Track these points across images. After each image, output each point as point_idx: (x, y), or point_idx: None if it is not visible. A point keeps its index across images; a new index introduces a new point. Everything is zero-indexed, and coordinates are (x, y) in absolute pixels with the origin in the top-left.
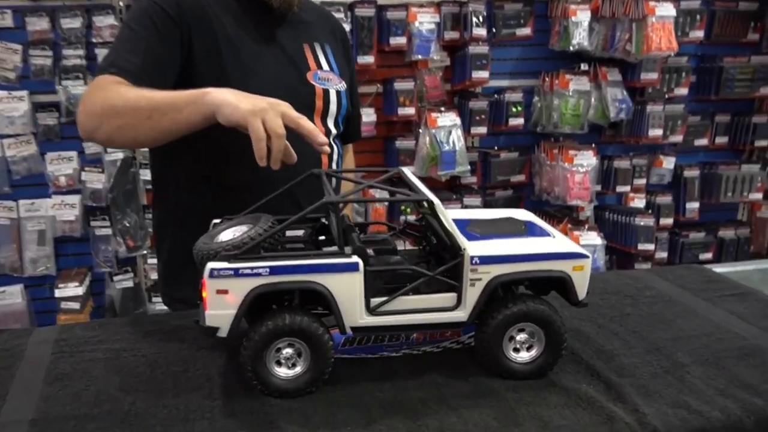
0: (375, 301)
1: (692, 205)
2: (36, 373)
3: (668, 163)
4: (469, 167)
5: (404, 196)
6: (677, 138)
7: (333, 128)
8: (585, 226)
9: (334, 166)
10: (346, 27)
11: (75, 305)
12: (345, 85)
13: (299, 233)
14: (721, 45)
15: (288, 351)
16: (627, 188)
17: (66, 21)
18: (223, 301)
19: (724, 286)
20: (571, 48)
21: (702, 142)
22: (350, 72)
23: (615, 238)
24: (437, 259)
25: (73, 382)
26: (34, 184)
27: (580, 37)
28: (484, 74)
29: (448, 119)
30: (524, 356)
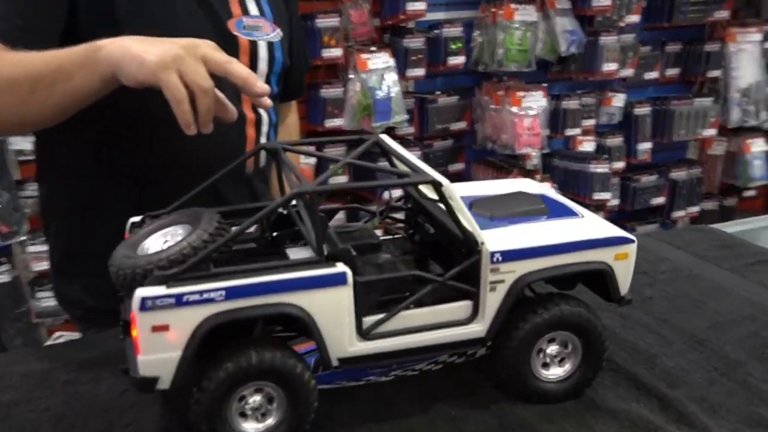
0: (368, 321)
1: (644, 146)
2: None
3: (618, 100)
4: (407, 116)
5: (403, 179)
6: (628, 72)
7: None
8: (537, 177)
9: (264, 138)
10: None
11: None
12: (281, 33)
13: (250, 229)
14: None
15: (256, 399)
16: (577, 131)
17: None
18: (162, 341)
19: (744, 251)
20: None
21: (652, 75)
22: (290, 16)
23: (567, 187)
24: (435, 252)
25: None
26: None
27: None
28: (420, 6)
29: (380, 61)
30: (556, 373)
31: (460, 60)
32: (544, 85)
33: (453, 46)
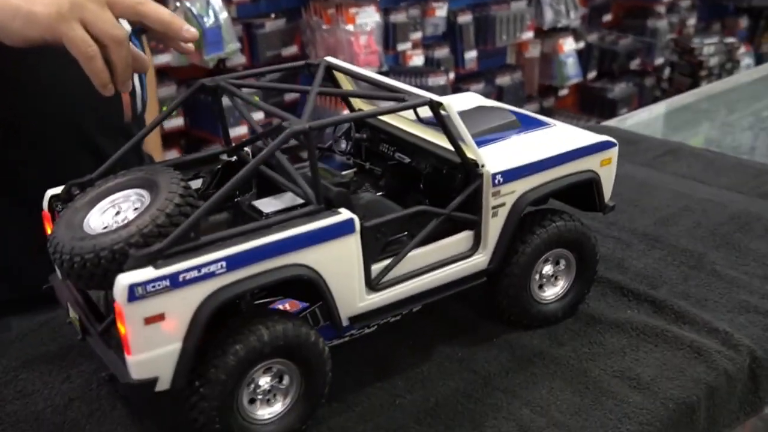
0: (376, 269)
1: (470, 55)
2: None
3: (441, 10)
4: (239, 45)
5: (401, 104)
6: None
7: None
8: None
9: (136, 81)
10: None
11: None
12: None
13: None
14: None
15: (265, 380)
16: (408, 45)
17: None
18: (157, 333)
19: (648, 145)
20: None
21: None
22: None
23: None
24: (409, 182)
25: None
26: None
27: None
28: None
29: None
30: (553, 292)
31: None
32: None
33: None
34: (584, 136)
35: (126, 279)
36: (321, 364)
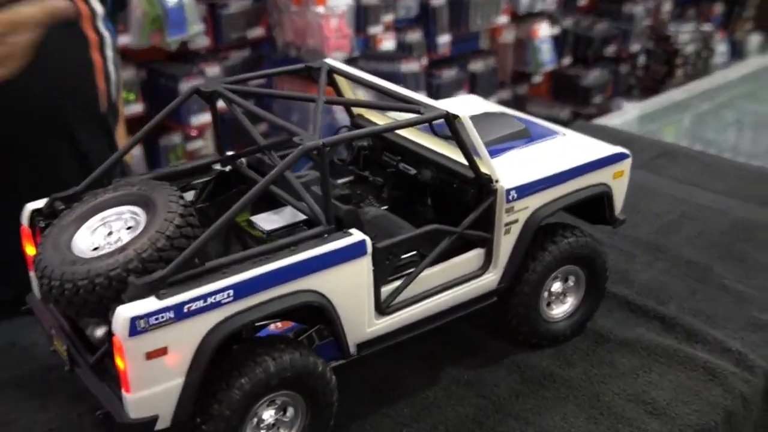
0: (385, 291)
1: (443, 39)
2: None
3: None
4: (203, 26)
5: (416, 117)
6: None
7: (98, 6)
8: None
9: (110, 65)
10: None
11: None
12: None
13: (187, 196)
14: None
15: (270, 414)
16: (379, 28)
17: None
18: (159, 368)
19: (642, 145)
20: None
21: None
22: None
23: None
24: (413, 195)
25: None
26: None
27: None
28: None
29: None
30: (561, 310)
31: None
32: None
33: None
34: (596, 147)
35: (127, 311)
36: (328, 394)
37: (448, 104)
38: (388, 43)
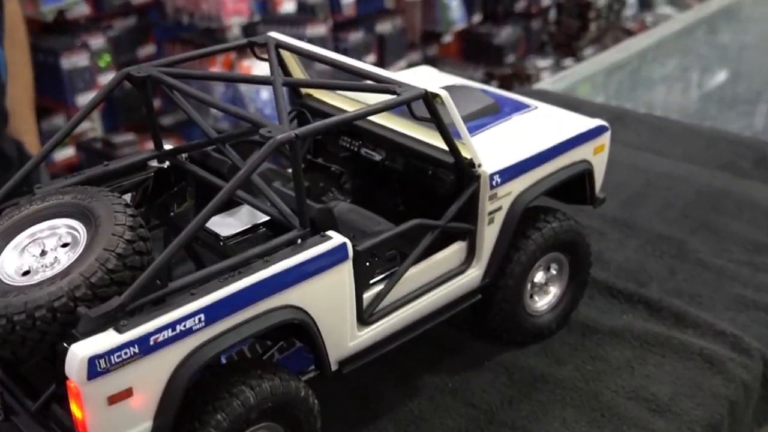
0: (368, 298)
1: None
2: None
3: None
4: None
5: (394, 98)
6: None
7: None
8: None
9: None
10: None
11: None
12: None
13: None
14: None
15: None
16: None
17: None
18: (124, 413)
19: (586, 111)
20: None
21: None
22: None
23: None
24: (372, 185)
25: None
26: None
27: None
28: None
29: None
30: (545, 302)
31: None
32: None
33: None
34: (573, 121)
35: (83, 350)
36: (312, 422)
37: (406, 77)
38: (288, 5)
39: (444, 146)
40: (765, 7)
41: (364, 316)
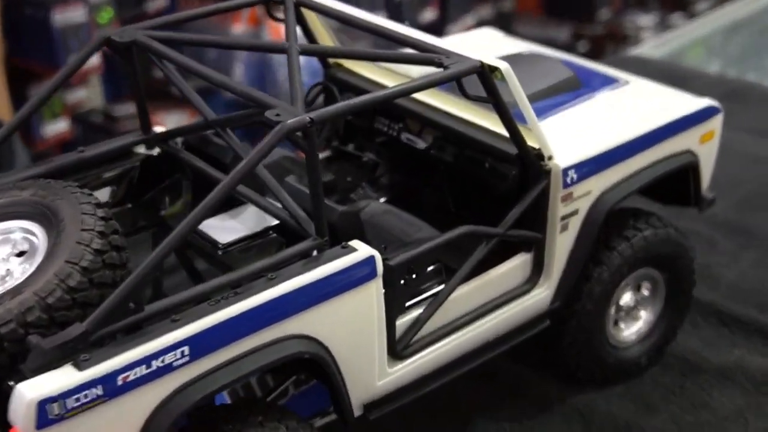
0: (402, 325)
1: None
2: None
3: None
4: None
5: (444, 72)
6: None
7: None
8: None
9: None
10: None
11: None
12: None
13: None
14: None
15: None
16: None
17: None
18: None
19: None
20: None
21: None
22: None
23: None
24: (415, 179)
25: None
26: None
27: None
28: None
29: None
30: (633, 330)
31: None
32: None
33: None
34: (675, 100)
35: (32, 391)
36: None
37: (459, 45)
38: None
39: (505, 132)
40: None
41: (398, 349)
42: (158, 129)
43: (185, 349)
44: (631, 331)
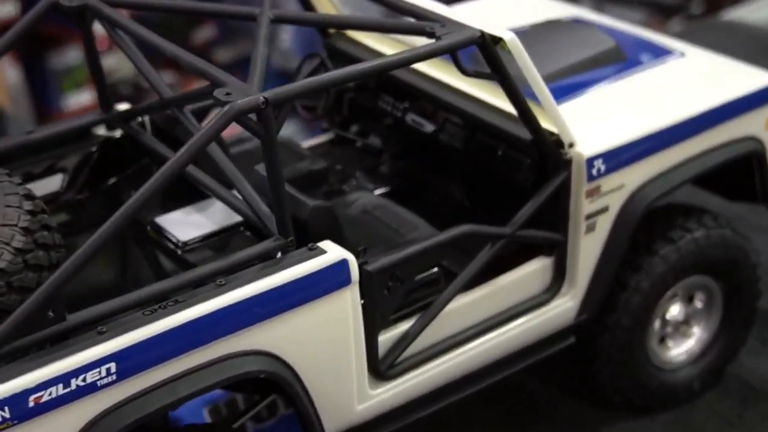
0: (386, 340)
1: None
2: None
3: None
4: None
5: (439, 43)
6: None
7: None
8: None
9: None
10: None
11: None
12: None
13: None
14: None
15: None
16: None
17: None
18: None
19: None
20: None
21: None
22: None
23: None
24: (422, 167)
25: None
26: None
27: None
28: None
29: None
30: (683, 349)
31: None
32: None
33: None
34: (738, 75)
35: None
36: None
37: (485, 6)
38: None
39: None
40: None
41: (381, 368)
42: (121, 107)
43: (111, 366)
44: (680, 350)
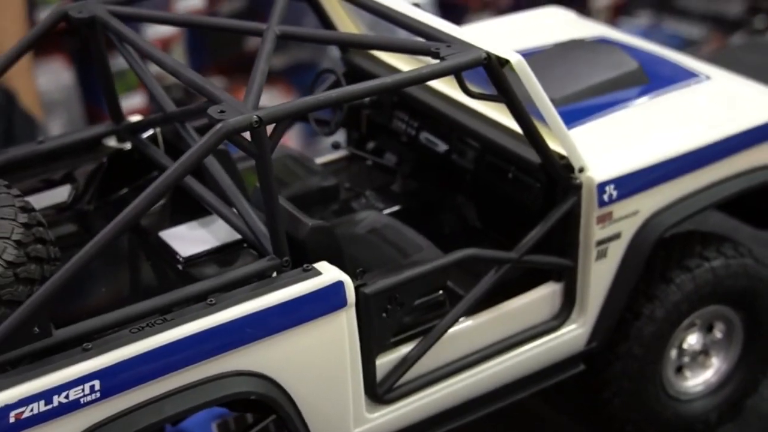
0: (385, 363)
1: None
2: None
3: None
4: None
5: (442, 64)
6: None
7: None
8: None
9: None
10: None
11: None
12: None
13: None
14: None
15: None
16: None
17: None
18: None
19: None
20: None
21: None
22: None
23: None
24: (435, 188)
25: None
26: None
27: None
28: None
29: None
30: (701, 380)
31: None
32: None
33: None
34: (762, 99)
35: None
36: None
37: (511, 26)
38: None
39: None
40: None
41: (380, 391)
42: (133, 119)
43: (95, 383)
44: (697, 380)
